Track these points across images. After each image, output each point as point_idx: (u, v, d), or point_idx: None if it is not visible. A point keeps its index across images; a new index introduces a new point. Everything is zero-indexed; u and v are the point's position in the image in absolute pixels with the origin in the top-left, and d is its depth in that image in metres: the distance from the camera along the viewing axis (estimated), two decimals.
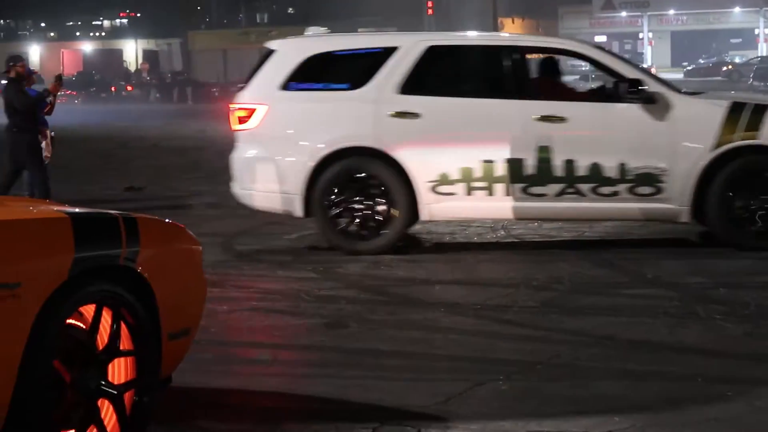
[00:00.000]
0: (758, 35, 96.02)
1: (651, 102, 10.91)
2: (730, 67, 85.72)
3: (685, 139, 10.84)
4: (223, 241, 12.44)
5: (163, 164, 24.19)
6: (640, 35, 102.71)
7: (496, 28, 50.06)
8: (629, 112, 10.96)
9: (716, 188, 10.75)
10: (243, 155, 11.52)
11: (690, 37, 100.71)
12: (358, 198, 11.17)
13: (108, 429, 5.08)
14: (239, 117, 11.45)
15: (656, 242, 11.75)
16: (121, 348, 5.21)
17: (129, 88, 76.68)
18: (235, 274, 10.48)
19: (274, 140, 11.32)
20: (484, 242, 12.00)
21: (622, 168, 10.82)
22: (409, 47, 11.33)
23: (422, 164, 11.01)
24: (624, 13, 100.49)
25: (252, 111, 11.39)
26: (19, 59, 14.70)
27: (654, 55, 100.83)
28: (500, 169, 10.93)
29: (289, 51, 11.71)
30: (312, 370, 6.99)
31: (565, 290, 9.27)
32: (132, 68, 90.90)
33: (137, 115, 50.94)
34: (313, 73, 11.49)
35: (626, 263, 10.46)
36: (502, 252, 11.40)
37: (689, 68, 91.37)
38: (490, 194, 10.99)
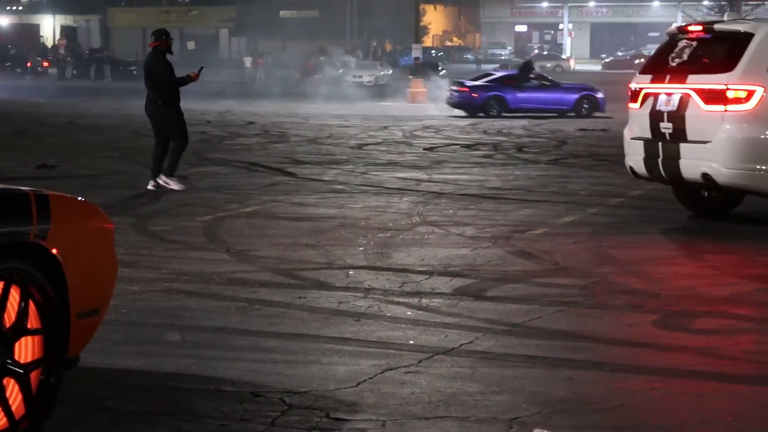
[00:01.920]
0: None
1: None
2: (644, 60, 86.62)
3: None
4: (137, 221, 12.35)
5: (78, 142, 23.93)
6: (561, 26, 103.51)
7: (418, 14, 50.03)
8: None
9: None
10: (739, 135, 11.51)
11: (609, 29, 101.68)
12: None
13: (13, 408, 5.02)
14: (734, 98, 11.50)
15: (569, 232, 11.85)
16: (29, 326, 5.14)
17: (45, 64, 75.75)
18: (147, 254, 10.40)
19: None
20: (399, 228, 12.02)
21: None
22: None
23: None
24: (545, 4, 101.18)
25: (751, 93, 11.45)
26: None
27: (573, 46, 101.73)
28: None
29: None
30: (222, 353, 6.96)
31: (479, 278, 9.32)
32: (49, 44, 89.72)
33: (53, 91, 50.33)
34: None
35: (539, 252, 10.55)
36: (417, 238, 11.44)
37: (607, 60, 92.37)
38: None
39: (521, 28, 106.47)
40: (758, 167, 11.50)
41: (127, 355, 6.88)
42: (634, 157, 12.71)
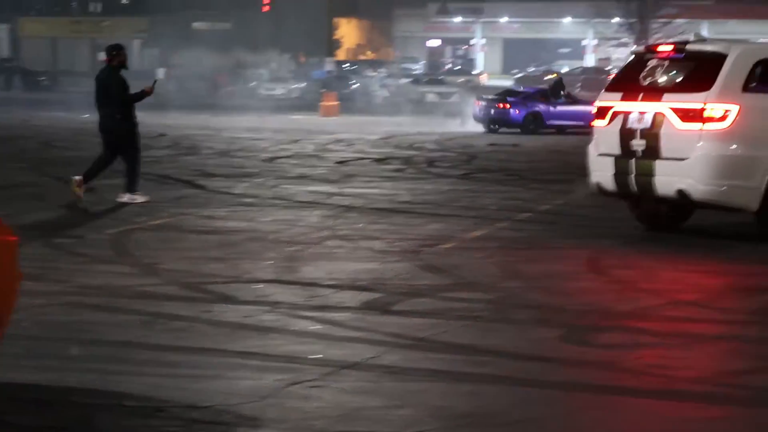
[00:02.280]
0: (585, 46, 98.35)
1: None
2: (554, 75, 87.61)
3: None
4: (44, 233, 12.20)
5: None
6: (473, 41, 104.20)
7: (331, 28, 50.08)
8: None
9: None
10: (716, 153, 11.89)
11: (521, 45, 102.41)
12: None
13: None
14: (711, 117, 11.89)
15: (477, 246, 11.92)
16: None
17: None
18: (52, 267, 10.28)
19: (746, 139, 11.92)
20: (309, 242, 12.01)
21: None
22: None
23: None
24: (458, 19, 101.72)
25: (727, 111, 11.86)
26: None
27: (486, 61, 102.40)
28: None
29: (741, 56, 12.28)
30: (125, 367, 6.90)
31: (386, 292, 9.34)
32: None
33: None
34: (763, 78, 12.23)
35: (447, 266, 10.60)
36: (326, 252, 11.43)
37: (519, 75, 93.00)
38: None
39: (434, 42, 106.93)
40: (732, 183, 11.93)
41: (28, 369, 6.79)
42: (602, 173, 12.90)
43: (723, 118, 11.91)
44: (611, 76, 19.09)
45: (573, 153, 28.35)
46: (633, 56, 13.54)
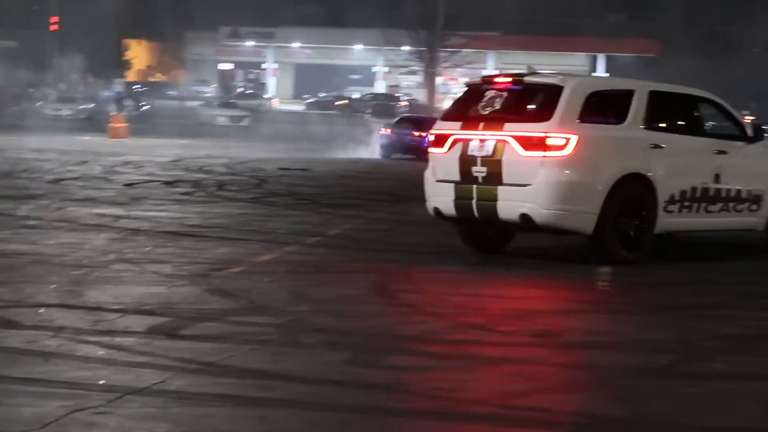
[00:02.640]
0: (376, 73, 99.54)
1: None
2: (345, 102, 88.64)
3: None
4: None
5: None
6: (265, 65, 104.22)
7: (120, 49, 49.38)
8: (756, 148, 14.62)
9: None
10: (557, 179, 12.63)
11: (313, 70, 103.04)
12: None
13: None
14: (553, 145, 12.60)
15: (267, 270, 11.90)
16: None
17: None
18: None
19: (582, 166, 12.73)
20: (94, 265, 11.77)
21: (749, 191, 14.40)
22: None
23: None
24: (250, 43, 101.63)
25: (567, 140, 12.61)
26: None
27: (278, 86, 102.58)
28: None
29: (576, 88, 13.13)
30: None
31: (174, 316, 9.23)
32: None
33: None
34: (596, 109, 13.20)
35: (236, 290, 10.55)
36: (112, 275, 11.23)
37: (310, 101, 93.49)
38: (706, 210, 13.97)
39: (227, 66, 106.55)
40: (571, 208, 12.71)
41: None
42: (441, 199, 13.44)
43: (563, 147, 12.63)
44: (401, 103, 19.95)
45: (362, 177, 28.68)
46: (466, 87, 14.19)
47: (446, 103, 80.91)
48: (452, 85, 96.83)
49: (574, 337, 9.08)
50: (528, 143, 12.68)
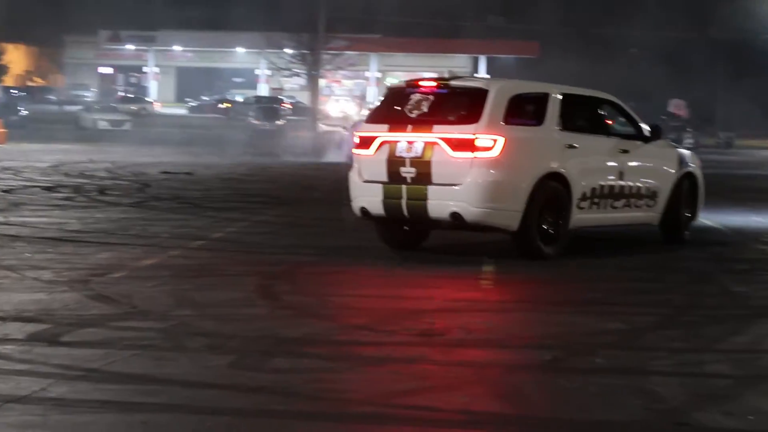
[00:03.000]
0: (258, 76, 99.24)
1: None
2: (228, 105, 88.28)
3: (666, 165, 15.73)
4: None
5: None
6: (146, 69, 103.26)
7: None
8: (652, 148, 15.49)
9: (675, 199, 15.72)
10: (486, 179, 13.11)
11: (195, 73, 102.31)
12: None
13: None
14: (482, 146, 13.10)
15: (149, 275, 11.77)
16: None
17: None
18: None
19: (508, 166, 13.21)
20: None
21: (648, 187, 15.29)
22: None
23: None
24: (130, 46, 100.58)
25: (495, 141, 13.12)
26: None
27: (160, 89, 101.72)
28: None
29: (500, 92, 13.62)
30: None
31: (54, 323, 9.08)
32: None
33: None
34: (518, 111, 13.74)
35: (118, 295, 10.41)
36: None
37: (193, 104, 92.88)
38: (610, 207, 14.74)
39: (107, 70, 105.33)
40: (499, 206, 13.23)
41: None
42: (368, 199, 13.83)
43: (491, 148, 13.14)
44: (284, 105, 20.15)
45: (247, 181, 28.55)
46: (389, 91, 14.67)
47: (329, 106, 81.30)
48: (335, 88, 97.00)
49: (458, 335, 9.13)
50: (457, 145, 13.13)
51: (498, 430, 6.50)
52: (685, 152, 16.60)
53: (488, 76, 15.60)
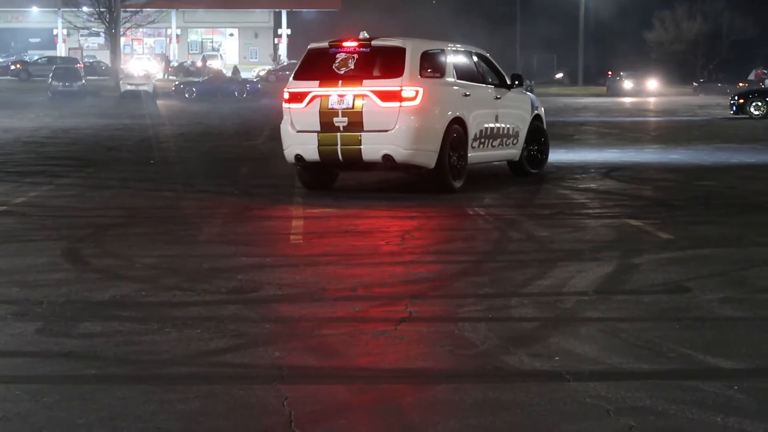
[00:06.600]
0: (57, 36, 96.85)
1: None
2: (18, 66, 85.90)
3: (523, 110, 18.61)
4: None
5: None
6: None
7: None
8: (514, 94, 18.29)
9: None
10: (412, 125, 15.45)
11: None
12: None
13: None
14: (407, 97, 15.43)
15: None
16: None
17: None
18: None
19: (427, 113, 15.59)
20: None
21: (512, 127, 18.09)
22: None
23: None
24: None
25: (417, 92, 15.48)
26: None
27: None
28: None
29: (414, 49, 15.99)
30: None
31: None
32: None
33: None
34: (428, 65, 16.11)
35: None
36: None
37: None
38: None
39: None
40: (422, 148, 15.54)
41: None
42: (304, 146, 15.84)
43: (414, 98, 15.49)
44: (80, 66, 19.98)
45: (49, 144, 27.90)
46: (310, 51, 16.38)
47: (131, 65, 79.81)
48: (137, 46, 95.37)
49: (269, 291, 9.13)
50: (386, 96, 15.43)
51: (311, 383, 6.53)
52: (534, 97, 19.54)
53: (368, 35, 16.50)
